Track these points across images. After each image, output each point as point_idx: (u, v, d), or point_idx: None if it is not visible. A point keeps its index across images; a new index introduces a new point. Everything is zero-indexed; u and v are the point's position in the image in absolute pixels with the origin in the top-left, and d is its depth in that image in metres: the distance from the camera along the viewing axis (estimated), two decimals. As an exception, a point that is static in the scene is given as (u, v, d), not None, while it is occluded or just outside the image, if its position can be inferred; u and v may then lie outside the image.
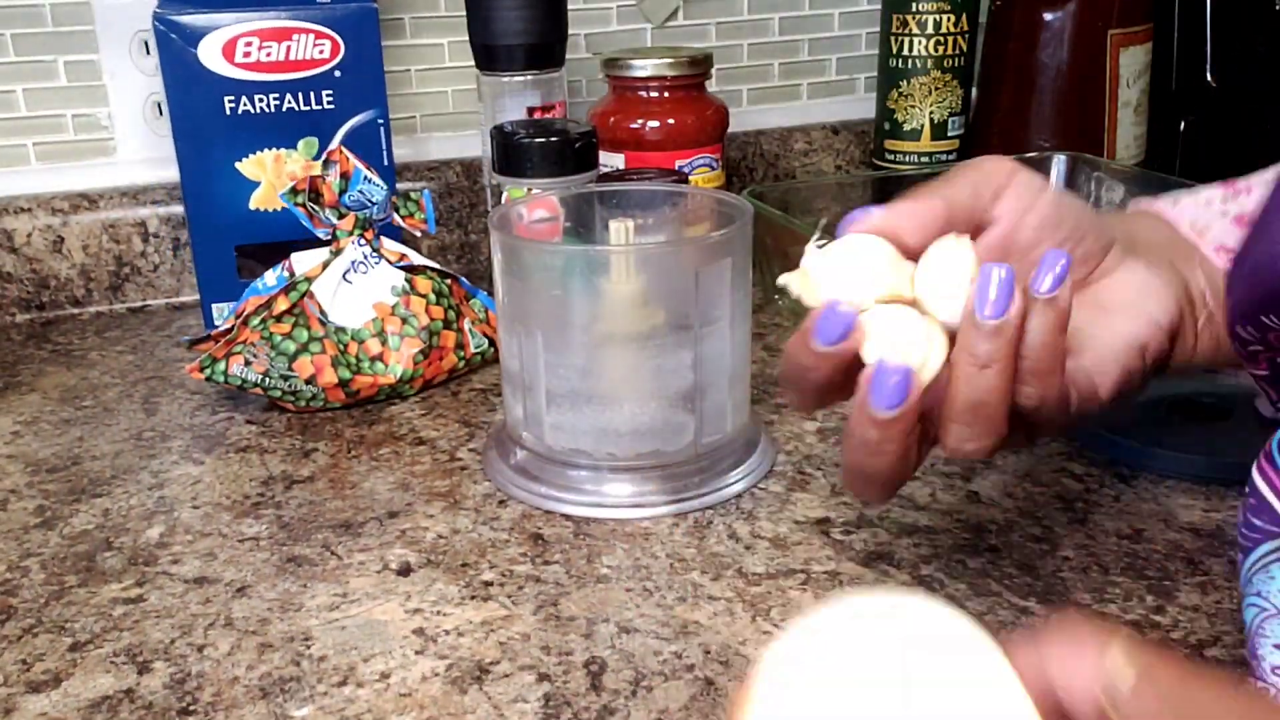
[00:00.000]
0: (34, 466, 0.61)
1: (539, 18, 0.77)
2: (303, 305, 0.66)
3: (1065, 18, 0.88)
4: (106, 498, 0.58)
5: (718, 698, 0.42)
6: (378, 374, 0.66)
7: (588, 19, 0.94)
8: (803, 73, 1.03)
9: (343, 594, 0.49)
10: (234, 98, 0.73)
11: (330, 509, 0.56)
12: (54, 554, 0.53)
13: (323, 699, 0.42)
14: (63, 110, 0.85)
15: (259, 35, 0.72)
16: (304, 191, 0.66)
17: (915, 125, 0.92)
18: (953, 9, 0.89)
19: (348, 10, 0.74)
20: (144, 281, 0.87)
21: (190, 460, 0.62)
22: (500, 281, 0.57)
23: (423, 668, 0.44)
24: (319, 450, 0.62)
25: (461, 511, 0.55)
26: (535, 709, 0.41)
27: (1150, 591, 0.47)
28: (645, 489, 0.55)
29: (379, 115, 0.76)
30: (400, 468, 0.60)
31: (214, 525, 0.55)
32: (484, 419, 0.66)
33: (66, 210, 0.84)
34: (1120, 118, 0.90)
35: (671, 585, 0.49)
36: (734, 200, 0.58)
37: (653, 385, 0.55)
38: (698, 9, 0.98)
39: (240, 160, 0.75)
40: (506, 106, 0.78)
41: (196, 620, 0.48)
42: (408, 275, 0.69)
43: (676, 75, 0.81)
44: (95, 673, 0.44)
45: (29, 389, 0.72)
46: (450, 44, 0.92)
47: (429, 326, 0.68)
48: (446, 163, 0.92)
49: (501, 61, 0.77)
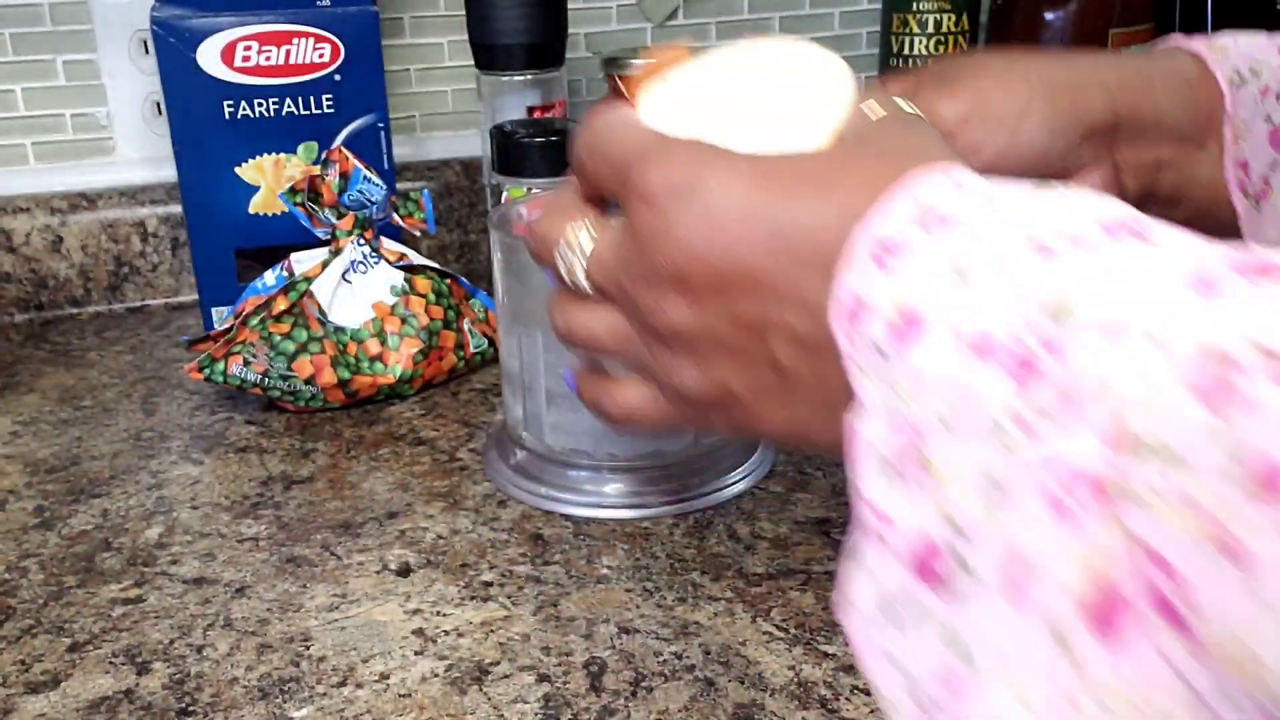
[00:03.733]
0: (33, 467, 0.61)
1: (539, 17, 0.76)
2: (302, 305, 0.65)
3: (1066, 18, 0.88)
4: (105, 498, 0.58)
5: (718, 698, 0.42)
6: (377, 374, 0.66)
7: (588, 19, 0.94)
8: (802, 73, 1.03)
9: (342, 594, 0.49)
10: (233, 102, 0.73)
11: (329, 509, 0.56)
12: (53, 554, 0.53)
13: (322, 699, 0.42)
14: (61, 110, 0.85)
15: (258, 39, 0.72)
16: (303, 191, 0.66)
17: (915, 125, 0.92)
18: (953, 9, 0.89)
19: (348, 14, 0.73)
20: (143, 281, 0.87)
21: (189, 460, 0.62)
22: (500, 281, 0.57)
23: (422, 668, 0.44)
24: (318, 450, 0.62)
25: (461, 512, 0.55)
26: (535, 710, 0.41)
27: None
28: (645, 489, 0.55)
29: (379, 119, 0.75)
30: (400, 468, 0.60)
31: (213, 525, 0.55)
32: (484, 419, 0.65)
33: (65, 210, 0.84)
34: (1120, 118, 0.90)
35: (671, 585, 0.49)
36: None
37: (652, 385, 0.55)
38: (698, 9, 0.98)
39: (240, 165, 0.74)
40: (506, 106, 0.78)
41: (196, 621, 0.47)
42: (407, 275, 0.69)
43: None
44: (94, 673, 0.44)
45: (28, 389, 0.72)
46: (450, 44, 0.92)
47: (428, 326, 0.68)
48: (446, 162, 0.92)
49: (501, 61, 0.77)
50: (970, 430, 0.23)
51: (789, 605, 0.47)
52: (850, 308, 0.27)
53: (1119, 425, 0.20)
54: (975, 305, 0.24)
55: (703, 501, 0.55)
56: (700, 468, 0.56)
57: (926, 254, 0.26)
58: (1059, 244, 0.24)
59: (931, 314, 0.25)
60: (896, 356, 0.25)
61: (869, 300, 0.26)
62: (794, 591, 0.48)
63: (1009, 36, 0.91)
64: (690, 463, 0.56)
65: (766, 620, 0.46)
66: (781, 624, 0.46)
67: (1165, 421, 0.20)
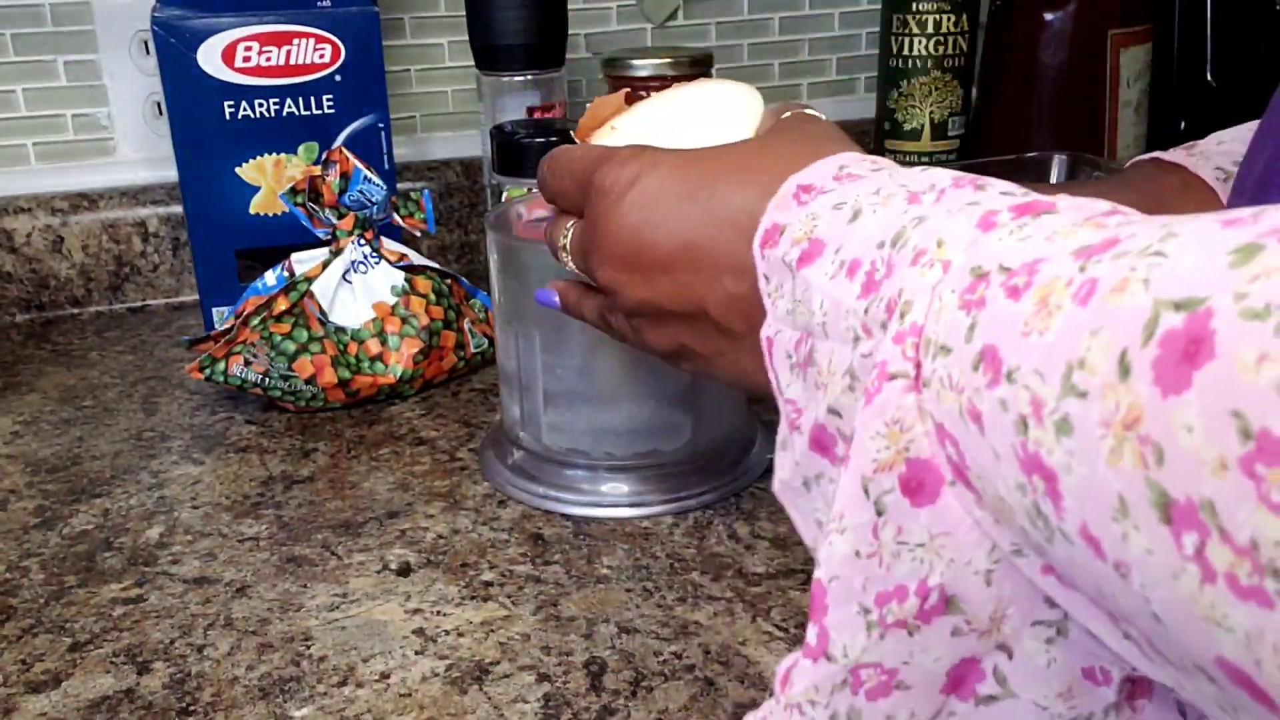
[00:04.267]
0: (34, 466, 0.61)
1: (539, 18, 0.77)
2: (302, 305, 0.66)
3: (1065, 18, 0.88)
4: (106, 498, 0.58)
5: (718, 698, 0.42)
6: (377, 374, 0.66)
7: (588, 19, 0.94)
8: (803, 73, 1.03)
9: (343, 594, 0.49)
10: (234, 102, 0.73)
11: (330, 509, 0.56)
12: (54, 554, 0.53)
13: (323, 699, 0.42)
14: (62, 110, 0.85)
15: (259, 39, 0.72)
16: (304, 191, 0.66)
17: (915, 125, 0.92)
18: (953, 9, 0.89)
19: (348, 14, 0.73)
20: (144, 281, 0.87)
21: (190, 460, 0.62)
22: (497, 282, 0.57)
23: (423, 668, 0.44)
24: (319, 450, 0.62)
25: (461, 511, 0.55)
26: (535, 709, 0.41)
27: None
28: (643, 488, 0.55)
29: (379, 119, 0.75)
30: (400, 468, 0.60)
31: (214, 525, 0.55)
32: (484, 419, 0.66)
33: (66, 210, 0.85)
34: (1120, 118, 0.90)
35: (671, 585, 0.49)
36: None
37: (650, 385, 0.55)
38: (698, 9, 0.98)
39: (240, 165, 0.74)
40: (506, 106, 0.78)
41: (196, 620, 0.48)
42: (407, 275, 0.69)
43: (676, 75, 0.81)
44: (95, 673, 0.44)
45: (29, 389, 0.72)
46: (450, 44, 0.92)
47: (429, 326, 0.68)
48: (446, 163, 0.92)
49: (501, 61, 0.77)
50: (837, 333, 0.30)
51: (789, 605, 0.47)
52: (768, 231, 0.33)
53: (916, 329, 0.26)
54: (856, 234, 0.30)
55: (700, 500, 0.55)
56: (697, 466, 0.56)
57: (833, 195, 0.32)
58: (923, 192, 0.30)
59: (830, 240, 0.31)
60: (798, 273, 0.31)
61: (784, 224, 0.32)
62: (794, 591, 0.48)
63: (1008, 38, 0.92)
64: (687, 461, 0.56)
65: (766, 620, 0.46)
66: (781, 624, 0.46)
67: (944, 324, 0.25)
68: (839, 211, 0.31)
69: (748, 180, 0.35)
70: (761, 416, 0.64)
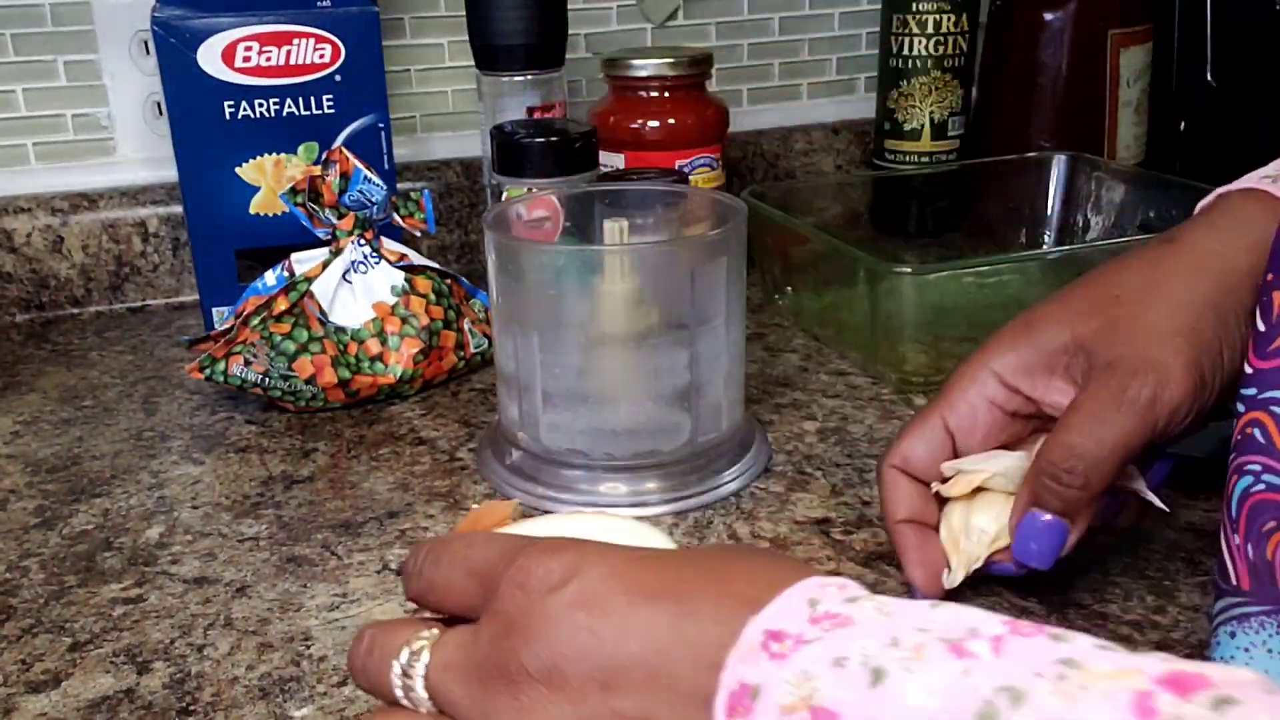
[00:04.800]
0: (34, 466, 0.61)
1: (539, 18, 0.77)
2: (302, 305, 0.66)
3: (1065, 18, 0.88)
4: (106, 498, 0.58)
5: (716, 698, 0.42)
6: (377, 374, 0.66)
7: (588, 19, 0.94)
8: (803, 72, 1.03)
9: (342, 594, 0.49)
10: (234, 102, 0.73)
11: (330, 509, 0.56)
12: (54, 554, 0.53)
13: (322, 699, 0.42)
14: (62, 110, 0.85)
15: (259, 39, 0.72)
16: (304, 191, 0.66)
17: (915, 125, 0.92)
18: (953, 9, 0.89)
19: (348, 14, 0.73)
20: (144, 281, 0.87)
21: (190, 460, 0.62)
22: (495, 282, 0.57)
23: (421, 668, 0.44)
24: (319, 450, 0.62)
25: (461, 511, 0.55)
26: (534, 709, 0.41)
27: (1150, 591, 0.47)
28: (642, 488, 0.55)
29: (379, 120, 0.76)
30: (400, 468, 0.60)
31: (214, 525, 0.55)
32: (484, 419, 0.66)
33: (66, 210, 0.85)
34: (1120, 118, 0.90)
35: (670, 585, 0.49)
36: (729, 199, 0.58)
37: (648, 385, 0.55)
38: (698, 9, 0.98)
39: (240, 165, 0.75)
40: (506, 106, 0.78)
41: (196, 620, 0.48)
42: (407, 275, 0.69)
43: (676, 75, 0.81)
44: (95, 673, 0.44)
45: (29, 389, 0.72)
46: (450, 44, 0.92)
47: (429, 326, 0.68)
48: (446, 163, 0.92)
49: (501, 61, 0.77)
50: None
51: (787, 605, 0.47)
52: (735, 695, 0.26)
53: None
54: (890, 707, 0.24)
55: (699, 500, 0.55)
56: (696, 466, 0.56)
57: (822, 646, 0.26)
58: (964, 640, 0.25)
59: (846, 713, 0.24)
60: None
61: (755, 685, 0.26)
62: (792, 591, 0.48)
63: (1008, 38, 0.92)
64: (686, 461, 0.56)
65: (765, 620, 0.46)
66: (780, 623, 0.46)
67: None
68: (843, 670, 0.25)
69: (711, 600, 0.28)
70: (760, 416, 0.64)
